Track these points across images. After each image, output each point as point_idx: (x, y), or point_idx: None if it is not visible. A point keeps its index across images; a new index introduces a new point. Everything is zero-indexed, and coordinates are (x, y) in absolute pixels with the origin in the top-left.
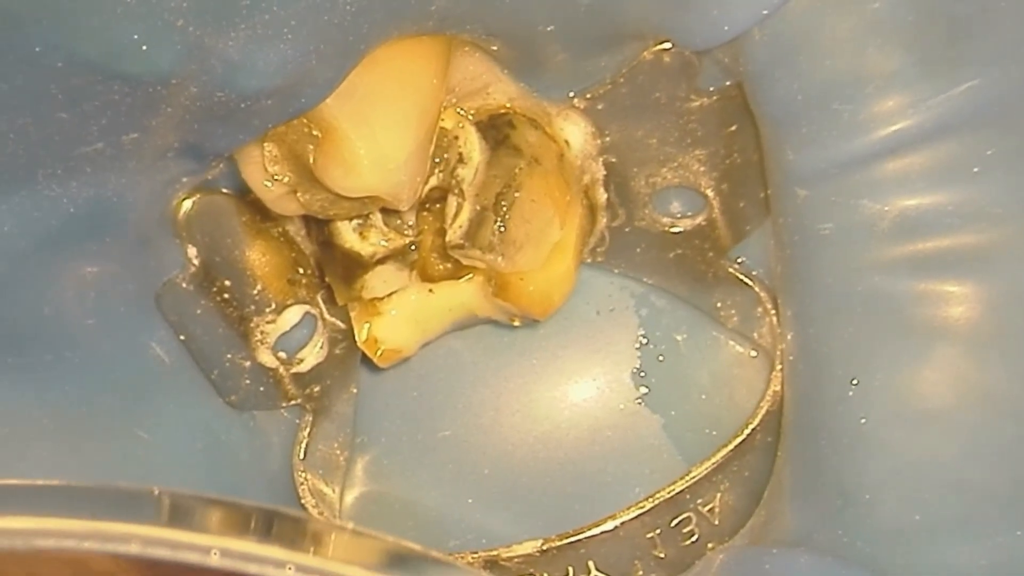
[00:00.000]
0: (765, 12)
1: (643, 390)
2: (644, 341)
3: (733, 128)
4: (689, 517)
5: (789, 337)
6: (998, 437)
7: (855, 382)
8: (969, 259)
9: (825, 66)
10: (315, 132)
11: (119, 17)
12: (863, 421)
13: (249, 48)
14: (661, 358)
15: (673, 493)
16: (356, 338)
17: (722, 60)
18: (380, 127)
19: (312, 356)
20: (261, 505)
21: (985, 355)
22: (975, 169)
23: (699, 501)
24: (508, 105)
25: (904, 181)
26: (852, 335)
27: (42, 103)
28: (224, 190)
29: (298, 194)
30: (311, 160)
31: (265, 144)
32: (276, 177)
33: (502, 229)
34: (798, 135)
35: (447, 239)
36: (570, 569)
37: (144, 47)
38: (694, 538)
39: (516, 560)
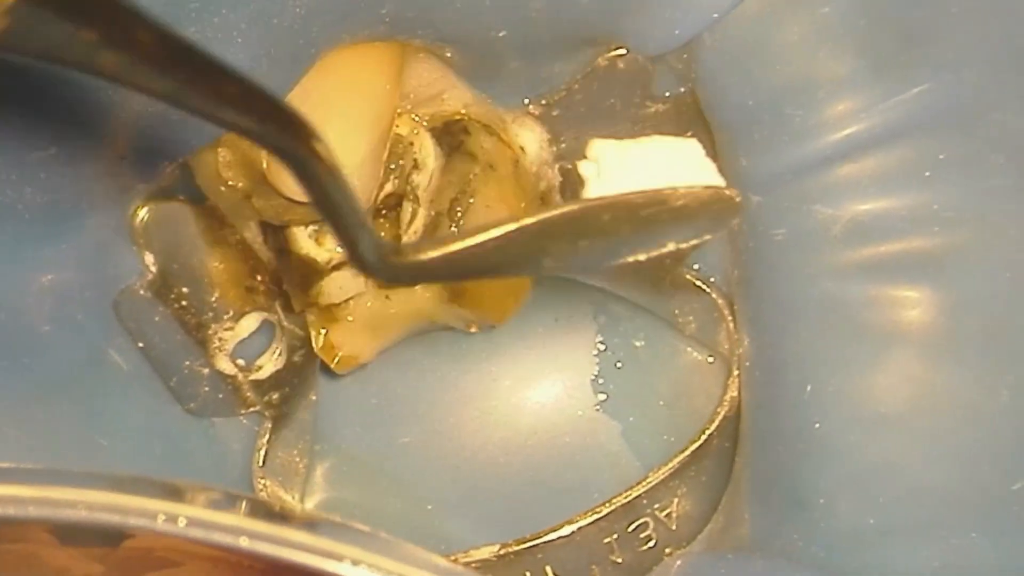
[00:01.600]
0: (715, 15)
1: (601, 396)
2: (602, 348)
3: (688, 134)
4: (646, 522)
5: (746, 342)
6: (953, 440)
7: (809, 387)
8: (922, 263)
9: (776, 71)
10: None
11: None
12: (817, 426)
13: None
14: (619, 365)
15: (630, 498)
16: (313, 345)
17: (676, 66)
18: (333, 133)
19: (270, 363)
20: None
21: (939, 359)
22: (927, 173)
23: (656, 506)
24: (463, 111)
25: (856, 186)
26: (806, 340)
27: None
28: (181, 198)
29: (253, 200)
30: (264, 166)
31: (219, 150)
32: (230, 183)
33: None
34: (750, 141)
35: (402, 246)
36: (527, 574)
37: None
38: (651, 543)
39: (473, 565)
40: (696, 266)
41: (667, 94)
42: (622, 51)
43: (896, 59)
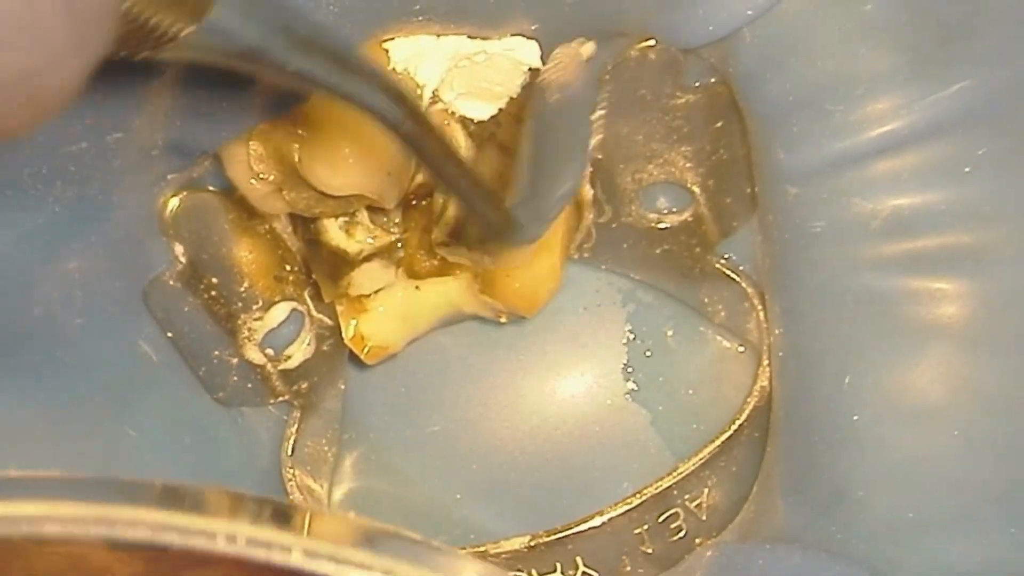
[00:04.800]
0: (750, 13)
1: (631, 385)
2: (631, 337)
3: (719, 124)
4: (677, 512)
5: (778, 332)
6: (991, 434)
7: (847, 379)
8: (961, 257)
9: (817, 67)
10: (300, 131)
11: None
12: (856, 418)
13: None
14: (648, 353)
15: (660, 489)
16: (343, 335)
17: (708, 59)
18: (364, 127)
19: (299, 353)
20: (256, 495)
21: (977, 353)
22: (966, 169)
23: (686, 496)
24: None
25: (896, 180)
26: (844, 332)
27: None
28: (211, 188)
29: (283, 192)
30: (296, 159)
31: (251, 143)
32: (262, 176)
33: None
34: (789, 134)
35: (433, 237)
36: (558, 565)
37: None
38: (682, 533)
39: (504, 556)
40: (726, 255)
41: (697, 84)
42: (652, 42)
43: (936, 56)
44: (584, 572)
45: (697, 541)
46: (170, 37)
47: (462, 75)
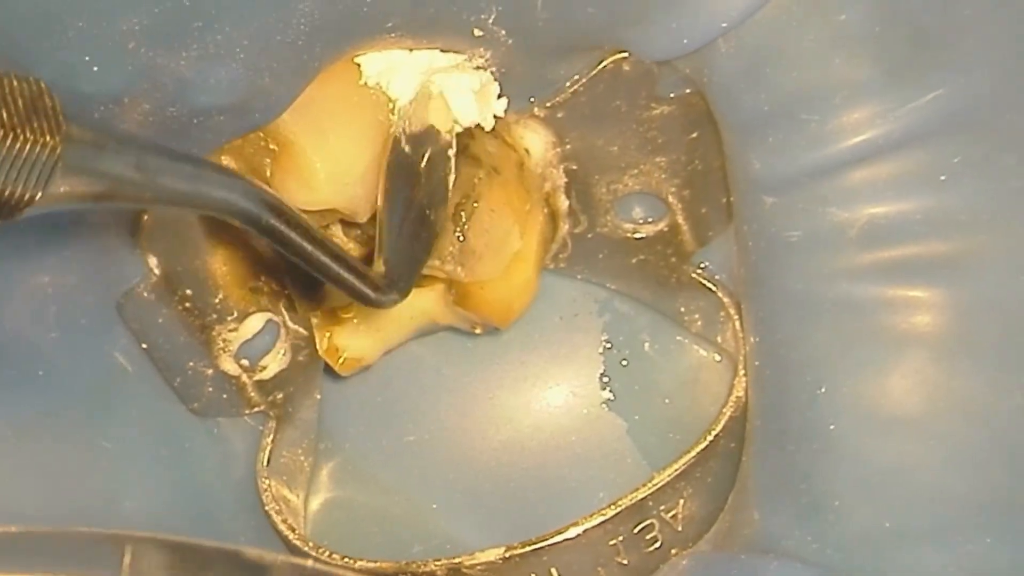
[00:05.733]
0: (724, 25)
1: (607, 395)
2: (608, 346)
3: (694, 135)
4: (652, 523)
5: (754, 341)
6: (968, 444)
7: (823, 388)
8: (937, 266)
9: (792, 77)
10: (272, 146)
11: (71, 40)
12: (832, 428)
13: (201, 67)
14: (625, 363)
15: (636, 500)
16: (317, 347)
17: (682, 70)
18: (336, 141)
19: (275, 363)
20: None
21: (954, 361)
22: (942, 177)
23: (662, 507)
24: None
25: (872, 189)
26: (820, 341)
27: None
28: None
29: None
30: (268, 174)
31: (223, 158)
32: None
33: (461, 239)
34: (765, 144)
35: None
36: None
37: (96, 68)
38: (657, 544)
39: (479, 568)
40: (703, 264)
41: (672, 95)
42: (626, 54)
43: (911, 64)
44: None
45: (672, 552)
46: (25, 203)
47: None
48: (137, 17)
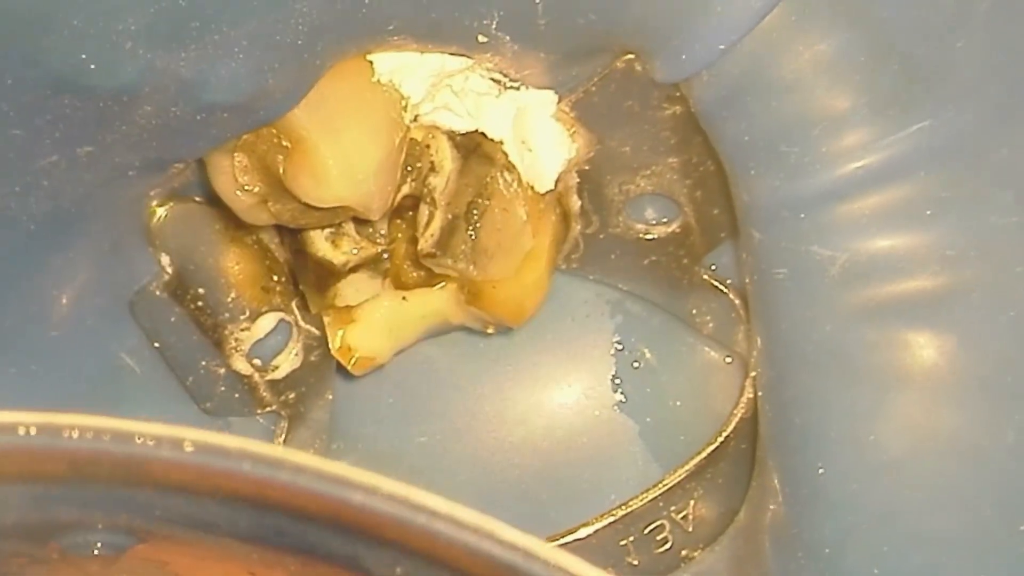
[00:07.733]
0: (722, 48)
1: (618, 396)
2: (619, 348)
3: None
4: (663, 524)
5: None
6: (958, 486)
7: (812, 432)
8: (923, 305)
9: (772, 107)
10: (284, 143)
11: (68, 40)
12: (821, 472)
13: (200, 67)
14: (636, 364)
15: (646, 501)
16: (330, 346)
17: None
18: (349, 137)
19: (287, 363)
20: None
21: (943, 402)
22: (928, 212)
23: (672, 508)
24: None
25: (855, 225)
26: (807, 384)
27: None
28: (197, 199)
29: (269, 204)
30: (281, 171)
31: (235, 154)
32: (246, 187)
33: (473, 238)
34: (748, 177)
35: (419, 248)
36: None
37: (93, 67)
38: (668, 545)
39: None
40: (714, 266)
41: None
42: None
43: (896, 95)
44: None
45: (683, 553)
46: None
47: (445, 90)
48: (133, 17)
